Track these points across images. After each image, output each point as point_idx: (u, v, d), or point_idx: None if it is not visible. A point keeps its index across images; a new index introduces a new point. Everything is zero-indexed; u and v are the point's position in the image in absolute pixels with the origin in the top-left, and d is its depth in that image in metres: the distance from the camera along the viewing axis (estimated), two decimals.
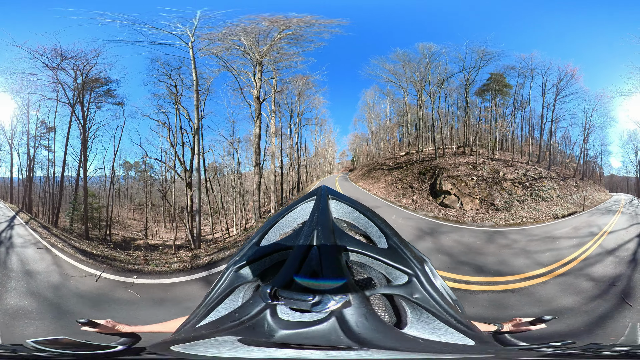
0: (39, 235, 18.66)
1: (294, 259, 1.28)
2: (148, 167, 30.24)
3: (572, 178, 26.09)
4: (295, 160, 33.29)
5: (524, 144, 28.41)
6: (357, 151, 40.96)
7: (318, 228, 1.38)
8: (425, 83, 27.73)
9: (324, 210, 1.53)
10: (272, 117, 26.83)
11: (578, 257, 15.20)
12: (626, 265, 14.35)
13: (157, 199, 30.26)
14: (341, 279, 1.20)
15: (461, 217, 21.68)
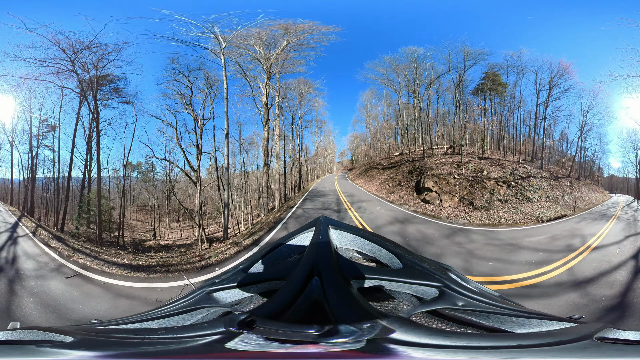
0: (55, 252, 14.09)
1: (289, 290, 1.15)
2: (151, 167, 28.04)
3: (567, 178, 23.05)
4: (297, 160, 32.73)
5: (523, 143, 25.62)
6: (356, 151, 39.76)
7: (319, 258, 1.27)
8: (419, 85, 26.34)
9: (324, 241, 1.43)
10: (276, 120, 26.17)
11: (522, 280, 10.47)
12: None
13: (161, 199, 28.54)
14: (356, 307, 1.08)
15: (438, 213, 20.28)
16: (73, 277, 11.49)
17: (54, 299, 9.87)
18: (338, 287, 1.15)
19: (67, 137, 22.00)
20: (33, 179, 22.76)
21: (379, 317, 1.06)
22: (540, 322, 1.24)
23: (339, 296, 1.11)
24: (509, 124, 26.11)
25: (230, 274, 1.52)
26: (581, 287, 9.97)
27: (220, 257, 14.21)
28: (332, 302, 1.08)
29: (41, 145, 22.91)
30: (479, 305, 1.27)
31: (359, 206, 21.45)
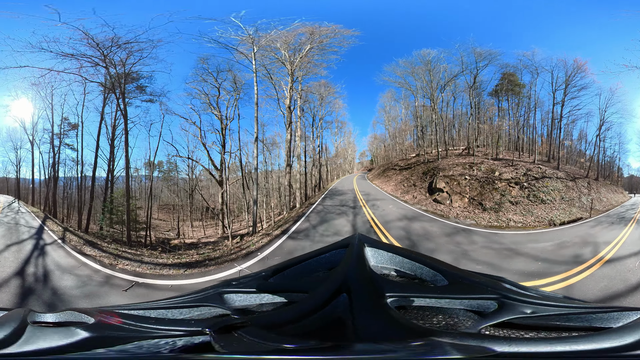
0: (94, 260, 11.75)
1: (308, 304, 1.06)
2: (173, 166, 27.07)
3: (585, 178, 20.76)
4: (317, 160, 31.86)
5: (542, 144, 23.53)
6: (376, 152, 37.99)
7: (350, 275, 1.17)
8: (435, 87, 24.71)
9: (359, 259, 1.30)
10: (298, 122, 25.24)
11: None
12: None
13: (184, 198, 27.51)
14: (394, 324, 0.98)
15: (447, 213, 18.89)
16: (131, 288, 9.27)
17: None
18: (371, 304, 1.02)
19: (89, 135, 21.34)
20: (55, 179, 21.39)
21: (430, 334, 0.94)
22: (620, 314, 1.13)
23: (372, 314, 0.98)
24: (526, 124, 24.13)
25: (249, 279, 1.44)
26: None
27: (258, 245, 13.65)
28: (362, 320, 0.95)
29: (62, 144, 21.35)
30: (549, 309, 1.16)
31: (373, 204, 20.50)
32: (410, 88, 26.04)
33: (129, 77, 19.22)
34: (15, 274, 9.80)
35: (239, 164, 24.76)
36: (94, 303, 8.29)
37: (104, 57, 17.79)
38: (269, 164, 28.89)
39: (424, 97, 25.84)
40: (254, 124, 19.58)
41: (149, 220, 22.14)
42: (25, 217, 17.71)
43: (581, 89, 20.31)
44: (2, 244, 12.61)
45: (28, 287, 9.07)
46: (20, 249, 12.30)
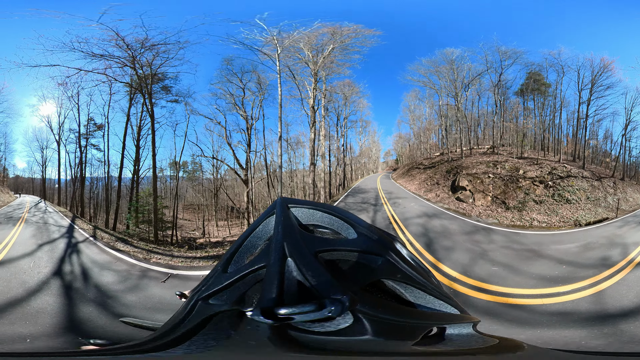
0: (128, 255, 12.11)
1: (273, 276, 1.04)
2: (198, 166, 27.18)
3: (611, 178, 20.14)
4: (342, 159, 31.63)
5: (568, 143, 23.07)
6: (401, 151, 37.44)
7: (286, 239, 1.17)
8: (460, 86, 24.47)
9: (286, 221, 1.31)
10: (322, 122, 25.10)
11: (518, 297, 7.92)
12: None
13: (209, 198, 27.66)
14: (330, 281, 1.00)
15: (469, 211, 18.54)
16: (169, 279, 9.69)
17: None
18: (310, 263, 1.05)
19: (114, 136, 21.35)
20: (82, 179, 21.60)
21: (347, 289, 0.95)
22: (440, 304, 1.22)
23: (314, 273, 1.01)
24: (552, 124, 23.59)
25: (212, 279, 1.32)
26: (609, 323, 6.46)
27: None
28: (312, 280, 0.99)
29: (88, 144, 21.63)
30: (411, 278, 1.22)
31: (395, 202, 20.35)
32: (435, 87, 25.82)
33: (155, 78, 19.43)
34: (53, 274, 9.79)
35: (264, 163, 25.18)
36: (139, 295, 8.59)
37: (132, 58, 18.11)
38: (294, 163, 29.25)
39: (448, 96, 25.58)
40: (278, 124, 19.77)
41: (175, 220, 22.32)
42: (54, 216, 17.86)
43: (607, 88, 19.92)
44: (34, 244, 12.50)
45: (69, 286, 9.05)
46: (53, 248, 12.36)
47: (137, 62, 18.31)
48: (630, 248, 11.35)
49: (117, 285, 9.21)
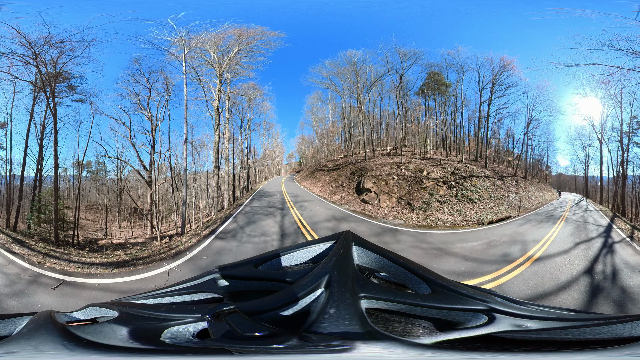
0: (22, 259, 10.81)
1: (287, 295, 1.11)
2: (102, 166, 25.82)
3: (513, 177, 19.90)
4: (245, 162, 31.13)
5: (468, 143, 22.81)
6: (304, 153, 37.36)
7: (334, 272, 1.18)
8: (361, 87, 23.97)
9: (344, 255, 1.32)
10: (226, 124, 24.42)
11: None
12: None
13: (112, 198, 26.28)
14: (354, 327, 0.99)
15: (375, 213, 17.72)
16: (59, 286, 8.68)
17: None
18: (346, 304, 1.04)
19: (17, 134, 19.55)
20: None
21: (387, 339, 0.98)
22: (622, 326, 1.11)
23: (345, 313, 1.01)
24: (454, 123, 23.45)
25: (240, 266, 1.46)
26: None
27: (187, 245, 12.93)
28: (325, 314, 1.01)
29: None
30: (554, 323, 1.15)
31: (301, 205, 19.28)
32: (337, 89, 25.39)
33: (60, 77, 18.11)
34: None
35: (169, 165, 24.23)
36: (22, 301, 7.84)
37: (36, 56, 16.70)
38: (198, 166, 28.17)
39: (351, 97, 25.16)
40: (183, 126, 18.49)
41: (77, 220, 20.79)
42: None
43: (508, 87, 19.83)
44: None
45: None
46: None
47: (41, 59, 16.95)
48: (530, 245, 11.86)
49: (3, 288, 8.45)
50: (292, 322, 1.00)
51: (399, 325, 1.15)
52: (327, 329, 0.95)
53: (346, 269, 1.20)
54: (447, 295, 1.22)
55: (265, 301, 1.10)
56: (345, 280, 1.12)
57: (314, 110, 30.66)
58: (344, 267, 1.21)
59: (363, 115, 24.37)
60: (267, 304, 1.07)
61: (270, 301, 1.08)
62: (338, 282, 1.10)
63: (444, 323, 1.16)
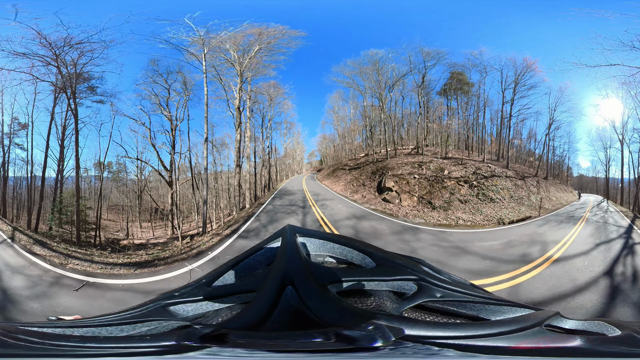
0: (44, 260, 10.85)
1: (262, 301, 1.05)
2: (122, 167, 25.70)
3: (534, 177, 19.90)
4: (267, 161, 31.02)
5: (492, 143, 22.72)
6: (325, 152, 37.08)
7: (289, 267, 1.16)
8: (383, 87, 23.82)
9: (292, 249, 1.29)
10: (247, 123, 24.13)
11: None
12: None
13: (133, 199, 26.38)
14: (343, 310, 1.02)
15: (396, 212, 17.83)
16: (82, 287, 8.72)
17: None
18: (316, 293, 1.05)
19: (38, 135, 19.69)
20: (5, 179, 19.75)
21: (372, 317, 0.98)
22: (507, 309, 1.23)
23: (320, 302, 1.02)
24: (476, 123, 23.24)
25: (190, 288, 1.34)
26: None
27: (208, 244, 13.09)
28: (315, 308, 1.00)
29: (12, 144, 19.89)
30: (455, 295, 1.23)
31: (323, 204, 19.38)
32: (359, 88, 25.18)
33: (80, 77, 18.20)
34: None
35: (189, 165, 24.19)
36: (44, 303, 7.76)
37: (56, 56, 16.94)
38: (219, 165, 28.17)
39: (373, 97, 25.00)
40: (203, 125, 18.62)
41: (99, 221, 20.98)
42: None
43: (530, 87, 19.68)
44: None
45: None
46: None
47: (62, 60, 17.17)
48: (549, 246, 11.75)
49: (25, 290, 8.45)
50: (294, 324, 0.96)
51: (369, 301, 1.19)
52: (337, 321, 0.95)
53: (299, 261, 1.20)
54: (388, 267, 1.29)
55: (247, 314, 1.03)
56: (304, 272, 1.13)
57: (335, 109, 30.64)
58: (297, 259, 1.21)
59: (384, 114, 24.28)
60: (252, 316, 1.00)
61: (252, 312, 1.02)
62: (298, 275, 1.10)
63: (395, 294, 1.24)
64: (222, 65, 21.51)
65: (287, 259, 1.20)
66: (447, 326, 1.03)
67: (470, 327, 1.05)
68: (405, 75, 22.84)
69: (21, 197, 20.90)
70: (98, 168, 22.89)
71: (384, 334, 0.89)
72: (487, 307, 1.21)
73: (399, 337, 0.91)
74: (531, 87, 19.52)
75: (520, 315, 1.19)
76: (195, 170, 24.76)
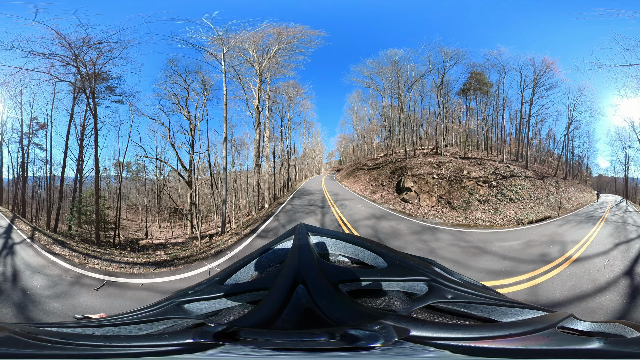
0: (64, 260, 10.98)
1: (273, 299, 1.06)
2: (141, 167, 25.99)
3: (553, 177, 19.84)
4: (286, 161, 31.13)
5: (511, 143, 22.64)
6: (344, 152, 36.90)
7: (301, 265, 1.18)
8: (402, 87, 23.95)
9: (305, 248, 1.31)
10: (266, 123, 24.48)
11: None
12: None
13: (152, 199, 26.46)
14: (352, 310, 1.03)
15: (415, 212, 18.02)
16: (103, 287, 8.84)
17: None
18: (326, 292, 1.06)
19: (57, 135, 19.88)
20: (24, 179, 20.12)
21: (381, 317, 0.99)
22: (519, 311, 1.22)
23: (330, 301, 1.02)
24: (495, 123, 23.25)
25: (204, 286, 1.34)
26: None
27: (227, 244, 13.24)
28: (325, 307, 1.00)
29: (31, 143, 20.25)
30: (466, 296, 1.23)
31: (342, 204, 19.58)
32: (378, 88, 25.39)
33: (99, 77, 18.34)
34: None
35: (208, 165, 24.23)
36: (64, 303, 7.80)
37: (75, 56, 17.05)
38: (238, 165, 28.19)
39: (392, 97, 25.08)
40: (222, 125, 18.74)
41: (118, 221, 21.12)
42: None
43: (549, 88, 19.67)
44: None
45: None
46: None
47: (81, 60, 17.30)
48: (569, 246, 11.71)
49: (45, 290, 8.44)
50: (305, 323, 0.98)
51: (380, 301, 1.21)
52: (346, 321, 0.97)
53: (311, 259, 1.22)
54: (400, 267, 1.31)
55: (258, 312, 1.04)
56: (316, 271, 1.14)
57: (354, 109, 30.69)
58: (308, 258, 1.22)
59: (404, 114, 24.34)
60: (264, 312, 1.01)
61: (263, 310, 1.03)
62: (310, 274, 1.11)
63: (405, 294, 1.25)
64: (241, 65, 21.77)
65: (299, 257, 1.22)
66: (455, 327, 1.04)
67: (481, 329, 1.06)
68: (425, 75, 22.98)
69: (40, 197, 21.11)
70: (117, 168, 23.03)
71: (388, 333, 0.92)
72: (499, 309, 1.22)
73: (404, 337, 0.93)
74: (550, 87, 19.55)
75: (533, 317, 1.20)
76: (214, 170, 24.84)
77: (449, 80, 22.39)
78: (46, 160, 20.24)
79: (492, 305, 1.22)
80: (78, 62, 17.23)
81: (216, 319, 1.21)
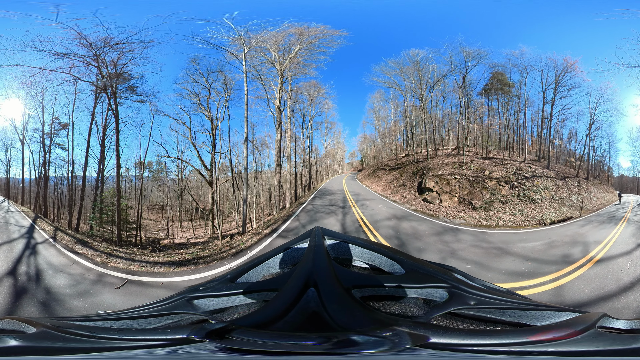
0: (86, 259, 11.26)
1: (281, 301, 1.06)
2: (163, 166, 26.25)
3: (575, 177, 19.90)
4: (307, 161, 31.25)
5: (531, 143, 22.69)
6: (366, 152, 36.94)
7: (314, 269, 1.18)
8: (424, 87, 24.05)
9: (319, 251, 1.31)
10: (288, 123, 24.59)
11: None
12: None
13: (173, 198, 26.72)
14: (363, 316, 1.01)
15: (436, 212, 18.13)
16: (124, 285, 9.04)
17: None
18: (338, 296, 1.05)
19: (79, 135, 20.61)
20: (46, 179, 20.51)
21: (394, 324, 0.98)
22: (550, 314, 1.20)
23: (340, 306, 1.01)
24: (516, 123, 23.27)
25: (216, 283, 1.39)
26: None
27: (248, 244, 13.36)
28: (334, 312, 0.99)
29: (53, 143, 20.57)
30: (491, 302, 1.22)
31: (363, 204, 19.74)
32: (399, 88, 25.37)
33: (120, 77, 18.59)
34: (8, 274, 9.41)
35: (229, 165, 24.53)
36: (87, 301, 7.96)
37: (97, 57, 17.29)
38: (259, 165, 28.38)
39: (413, 97, 25.18)
40: (244, 125, 18.95)
41: (139, 220, 21.25)
42: (15, 216, 16.96)
43: (571, 88, 19.64)
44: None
45: (20, 286, 8.65)
46: (11, 248, 11.79)
47: (102, 61, 17.63)
48: (591, 246, 11.68)
49: (68, 289, 8.60)
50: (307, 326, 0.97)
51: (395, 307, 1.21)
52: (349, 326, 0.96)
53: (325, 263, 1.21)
54: (418, 274, 1.31)
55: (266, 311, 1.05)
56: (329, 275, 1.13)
57: (376, 109, 30.66)
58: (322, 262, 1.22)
59: (425, 115, 24.43)
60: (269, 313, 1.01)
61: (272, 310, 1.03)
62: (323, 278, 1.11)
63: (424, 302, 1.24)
64: (262, 65, 21.82)
65: (312, 260, 1.22)
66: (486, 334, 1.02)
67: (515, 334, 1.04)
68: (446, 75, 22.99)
69: (62, 197, 21.50)
70: (139, 167, 23.28)
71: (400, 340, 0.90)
72: (528, 313, 1.19)
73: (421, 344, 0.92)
74: (572, 88, 19.54)
75: (568, 319, 1.18)
76: (236, 169, 24.98)
77: (470, 80, 22.45)
78: (68, 160, 20.64)
79: (520, 310, 1.20)
80: (99, 62, 17.49)
81: (221, 316, 1.24)
